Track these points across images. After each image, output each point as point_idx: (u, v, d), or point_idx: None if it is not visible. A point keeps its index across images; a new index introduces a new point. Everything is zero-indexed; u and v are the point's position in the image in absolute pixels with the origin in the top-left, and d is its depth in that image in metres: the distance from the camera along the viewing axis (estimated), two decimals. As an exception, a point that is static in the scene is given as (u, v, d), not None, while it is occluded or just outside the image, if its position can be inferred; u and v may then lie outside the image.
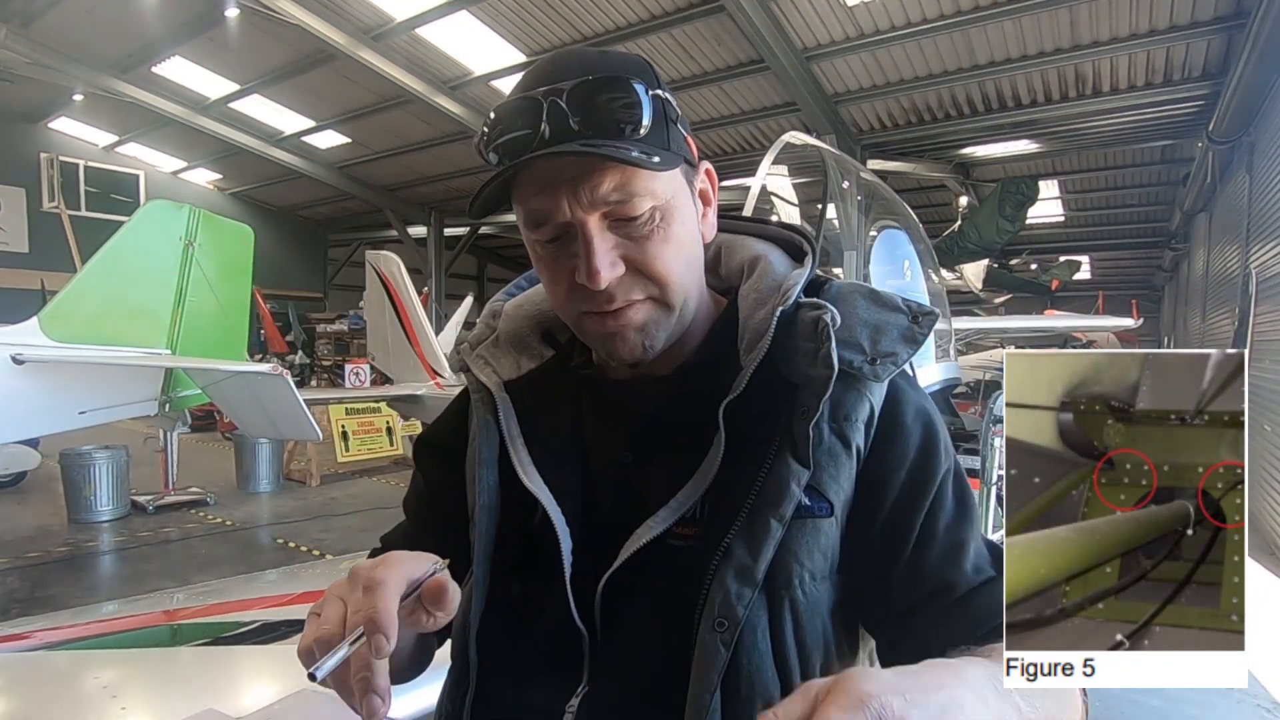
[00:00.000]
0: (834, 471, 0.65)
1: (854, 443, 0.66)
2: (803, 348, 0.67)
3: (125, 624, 1.78)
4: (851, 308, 0.70)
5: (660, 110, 0.64)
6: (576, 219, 0.63)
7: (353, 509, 7.30)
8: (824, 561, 0.65)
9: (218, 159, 15.48)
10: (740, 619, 0.61)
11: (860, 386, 0.67)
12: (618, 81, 0.62)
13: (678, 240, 0.66)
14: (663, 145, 0.64)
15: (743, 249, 0.80)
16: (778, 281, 0.73)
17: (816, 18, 7.85)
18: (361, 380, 10.90)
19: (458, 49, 9.67)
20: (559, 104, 0.61)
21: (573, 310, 0.68)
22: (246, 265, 6.07)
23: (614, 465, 0.72)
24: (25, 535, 6.09)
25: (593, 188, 0.62)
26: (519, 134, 0.62)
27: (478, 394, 0.78)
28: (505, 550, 0.71)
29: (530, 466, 0.71)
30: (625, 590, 0.66)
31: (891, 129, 10.02)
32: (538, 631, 0.69)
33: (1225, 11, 6.83)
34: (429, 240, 16.80)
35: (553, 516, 0.68)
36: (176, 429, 6.71)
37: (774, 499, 0.63)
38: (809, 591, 0.64)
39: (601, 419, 0.75)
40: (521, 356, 0.80)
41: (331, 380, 14.83)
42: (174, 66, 11.22)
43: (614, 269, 0.64)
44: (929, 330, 0.69)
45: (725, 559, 0.62)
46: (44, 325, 4.81)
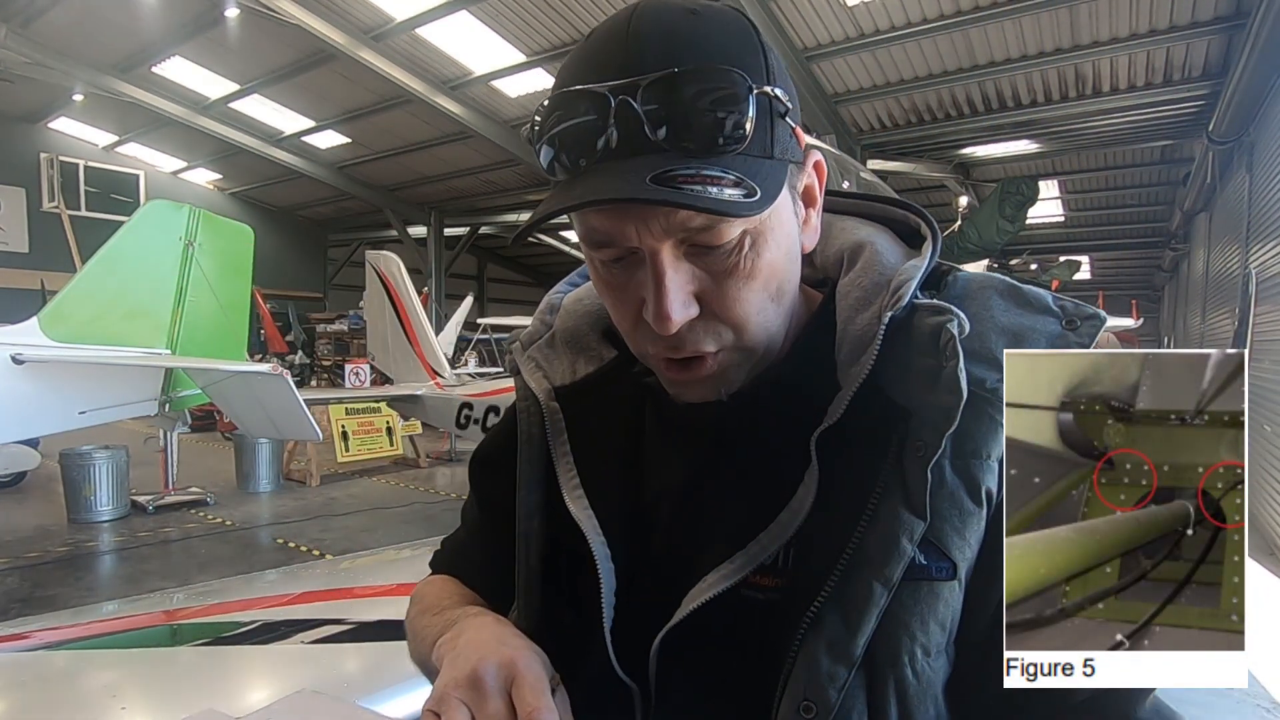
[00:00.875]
0: (958, 523, 0.51)
1: (984, 486, 0.51)
2: (919, 364, 0.52)
3: (125, 624, 1.78)
4: (984, 309, 0.55)
5: (766, 108, 0.50)
6: (646, 246, 0.50)
7: (353, 509, 7.30)
8: (942, 634, 0.52)
9: (218, 159, 15.49)
10: (833, 704, 0.49)
11: (994, 414, 0.51)
12: (714, 75, 0.48)
13: (769, 270, 0.53)
14: (765, 151, 0.50)
15: (842, 233, 0.65)
16: (887, 275, 0.59)
17: (816, 18, 7.85)
18: (361, 380, 10.90)
19: (458, 49, 9.66)
20: (631, 105, 0.47)
21: (639, 346, 0.58)
22: (246, 265, 6.07)
23: (674, 492, 0.61)
24: (25, 535, 6.09)
25: (668, 214, 0.49)
26: (579, 135, 0.49)
27: (525, 402, 0.68)
28: (553, 578, 0.63)
29: (577, 489, 0.62)
30: (686, 644, 0.55)
31: (891, 129, 10.02)
32: (582, 678, 0.59)
33: (1225, 11, 6.83)
34: (429, 240, 16.80)
35: (595, 549, 0.58)
36: (176, 429, 6.71)
37: (878, 557, 0.50)
38: (921, 670, 0.51)
39: (663, 437, 0.64)
40: (579, 359, 0.69)
41: (331, 380, 14.82)
42: (174, 66, 11.22)
43: (687, 309, 0.52)
44: (1090, 341, 0.53)
45: (814, 628, 0.50)
46: (44, 325, 4.81)
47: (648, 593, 0.59)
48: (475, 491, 0.78)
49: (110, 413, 5.27)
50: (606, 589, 0.57)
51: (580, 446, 0.64)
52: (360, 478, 8.78)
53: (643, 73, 0.47)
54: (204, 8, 9.40)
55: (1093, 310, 0.55)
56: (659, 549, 0.60)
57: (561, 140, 0.50)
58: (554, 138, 0.50)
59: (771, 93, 0.50)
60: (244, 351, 6.50)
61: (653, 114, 0.47)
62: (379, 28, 9.35)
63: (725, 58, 0.49)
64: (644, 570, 0.60)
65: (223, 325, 5.81)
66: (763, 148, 0.50)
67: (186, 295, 5.50)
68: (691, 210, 0.48)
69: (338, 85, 11.14)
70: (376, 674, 1.31)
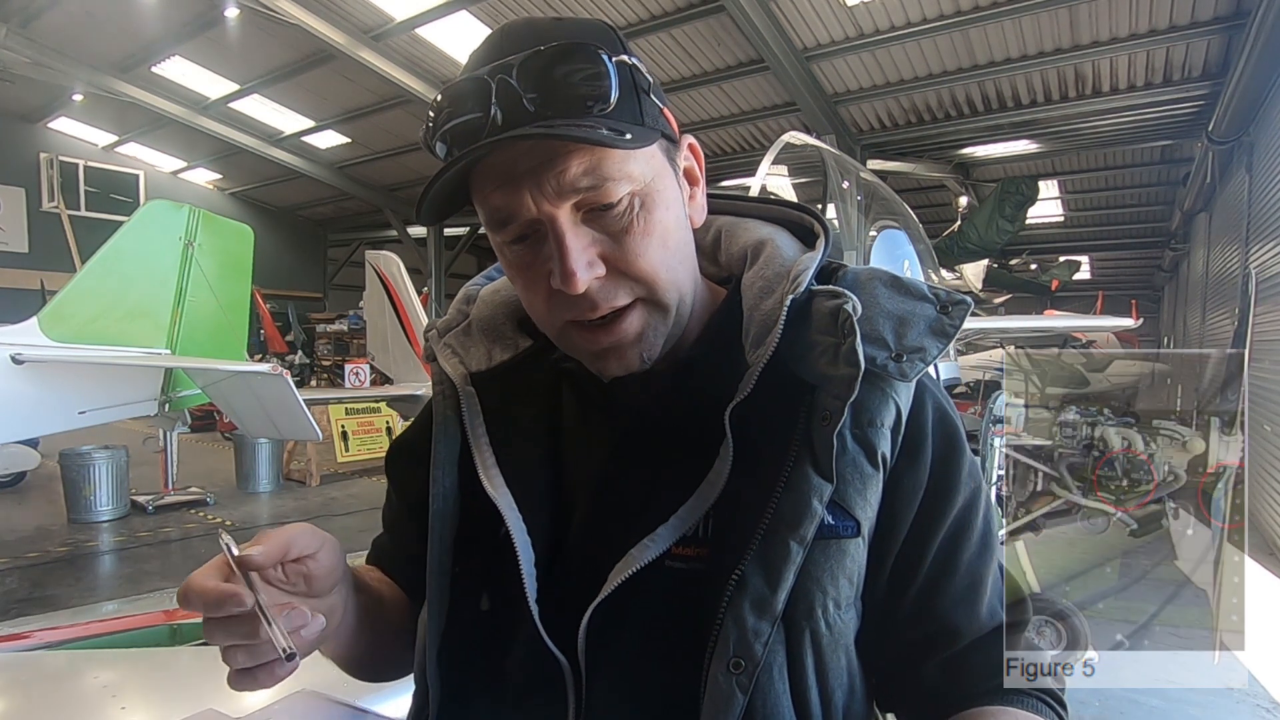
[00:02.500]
0: (859, 484, 0.57)
1: (880, 451, 0.58)
2: (819, 342, 0.58)
3: (125, 624, 1.78)
4: (872, 296, 0.61)
5: (629, 79, 0.55)
6: (544, 213, 0.54)
7: (352, 509, 7.30)
8: (850, 588, 0.58)
9: (217, 159, 15.48)
10: (759, 659, 0.54)
11: (885, 386, 0.58)
12: (576, 50, 0.53)
13: (662, 229, 0.57)
14: (635, 119, 0.55)
15: (745, 232, 0.71)
16: (786, 267, 0.64)
17: (816, 18, 7.85)
18: (361, 380, 10.89)
19: (458, 49, 9.66)
20: (509, 82, 0.52)
21: (555, 321, 0.60)
22: (246, 265, 6.07)
23: (594, 472, 0.64)
24: (25, 535, 6.08)
25: (558, 174, 0.53)
26: (466, 119, 0.54)
27: (440, 386, 0.70)
28: (468, 562, 0.64)
29: (494, 469, 0.63)
30: (614, 617, 0.57)
31: (891, 129, 10.01)
32: (511, 657, 0.62)
33: (1225, 11, 6.83)
34: (429, 240, 16.79)
35: (511, 526, 0.60)
36: (176, 429, 6.71)
37: (793, 518, 0.54)
38: (833, 622, 0.57)
39: (582, 419, 0.67)
40: (494, 346, 0.71)
41: (331, 380, 14.82)
42: (174, 66, 11.21)
43: (592, 269, 0.55)
44: (960, 322, 0.59)
45: (740, 589, 0.54)
46: (44, 325, 4.81)
47: (573, 571, 0.61)
48: (392, 484, 0.79)
49: (110, 413, 5.26)
50: (525, 561, 0.59)
51: (497, 430, 0.66)
52: (360, 478, 8.77)
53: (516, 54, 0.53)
54: (204, 8, 9.39)
55: (961, 297, 0.61)
56: (581, 527, 0.63)
57: (453, 135, 0.55)
58: (446, 133, 0.55)
59: (631, 62, 0.55)
60: (244, 351, 6.50)
61: (527, 86, 0.52)
62: (379, 28, 9.34)
63: (587, 39, 0.55)
64: (567, 548, 0.62)
65: (222, 325, 5.80)
66: (633, 115, 0.55)
67: (186, 295, 5.50)
68: (567, 140, 0.52)
69: (337, 85, 11.14)
70: (376, 674, 1.31)
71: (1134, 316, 12.67)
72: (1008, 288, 15.76)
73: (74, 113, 13.85)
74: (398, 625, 0.72)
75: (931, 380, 0.64)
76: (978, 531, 0.62)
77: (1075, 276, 16.08)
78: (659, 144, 0.58)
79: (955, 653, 0.60)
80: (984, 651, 0.60)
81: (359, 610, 0.66)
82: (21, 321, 4.78)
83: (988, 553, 0.62)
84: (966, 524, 0.61)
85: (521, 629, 0.60)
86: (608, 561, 0.58)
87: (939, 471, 0.60)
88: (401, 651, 0.72)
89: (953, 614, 0.60)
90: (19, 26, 10.13)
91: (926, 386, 0.62)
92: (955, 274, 13.79)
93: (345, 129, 13.02)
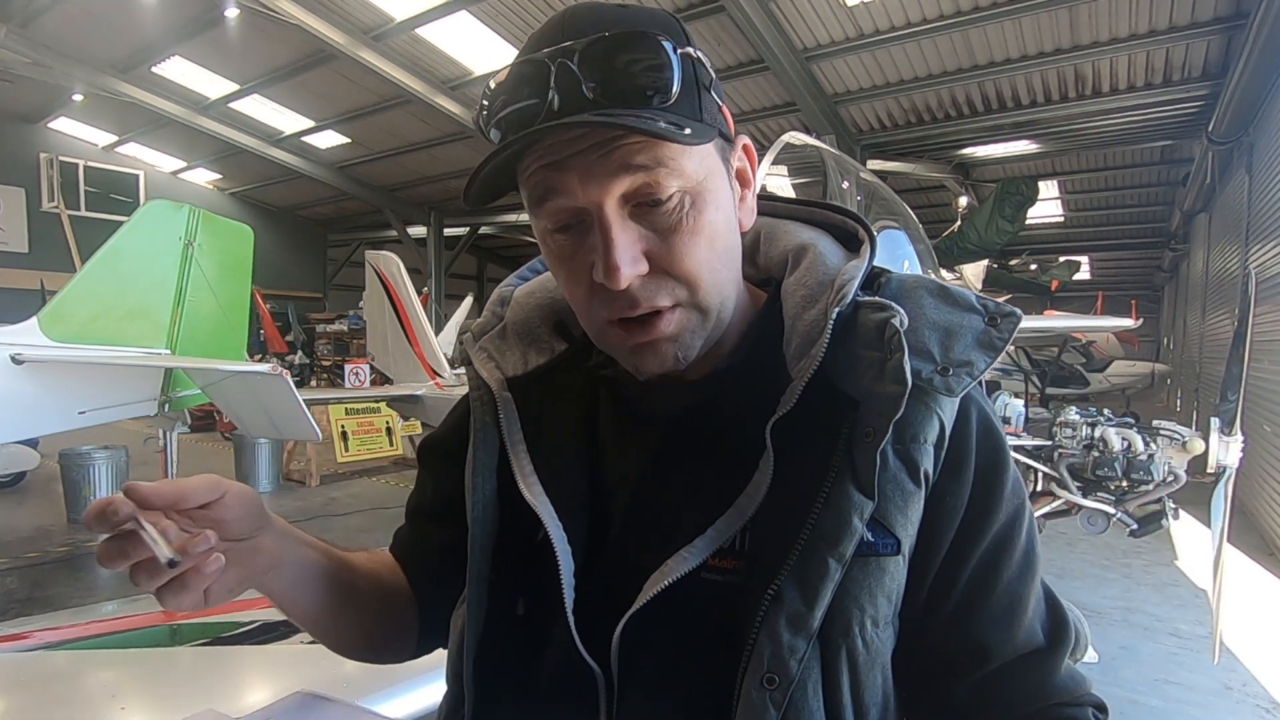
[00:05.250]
0: (900, 502, 0.55)
1: (922, 468, 0.56)
2: (865, 357, 0.56)
3: (125, 624, 1.78)
4: (918, 306, 0.59)
5: (690, 73, 0.54)
6: (591, 202, 0.53)
7: (352, 509, 7.30)
8: (888, 605, 0.56)
9: (217, 159, 15.48)
10: (793, 675, 0.53)
11: (929, 401, 0.56)
12: (640, 39, 0.52)
13: (711, 230, 0.56)
14: (694, 114, 0.54)
15: (786, 236, 0.69)
16: (830, 275, 0.62)
17: (816, 18, 7.85)
18: (361, 380, 10.89)
19: (457, 49, 9.66)
20: (569, 67, 0.51)
21: (595, 318, 0.58)
22: (246, 265, 6.06)
23: (631, 480, 0.63)
24: (25, 535, 6.08)
25: (611, 164, 0.52)
26: (523, 105, 0.53)
27: (478, 391, 0.69)
28: (505, 568, 0.63)
29: (532, 476, 0.63)
30: (648, 627, 0.57)
31: (891, 129, 10.02)
32: (544, 663, 0.61)
33: (1225, 11, 6.83)
34: (429, 240, 16.80)
35: (552, 533, 0.59)
36: (176, 429, 6.70)
37: (832, 535, 0.53)
38: (870, 640, 0.55)
39: (619, 426, 0.66)
40: (530, 350, 0.70)
41: (331, 380, 14.82)
42: (174, 66, 11.20)
43: (636, 265, 0.54)
44: (1010, 335, 0.57)
45: (775, 604, 0.53)
46: (43, 325, 4.81)
47: (608, 579, 0.60)
48: (427, 479, 0.79)
49: (110, 413, 5.26)
50: (565, 570, 0.59)
51: (534, 436, 0.65)
52: (360, 478, 8.77)
53: (579, 39, 0.52)
54: (204, 8, 9.38)
55: (1011, 309, 0.59)
56: (618, 535, 0.62)
57: (508, 120, 0.54)
58: (501, 120, 0.55)
59: (695, 55, 0.54)
60: (244, 351, 6.49)
61: (588, 73, 0.51)
62: (379, 28, 9.34)
63: (653, 28, 0.53)
64: (603, 556, 0.61)
65: (222, 325, 5.80)
66: (692, 110, 0.54)
67: (186, 295, 5.49)
68: (623, 130, 0.51)
69: (338, 85, 11.13)
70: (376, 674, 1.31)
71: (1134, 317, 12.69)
72: (1007, 288, 15.76)
73: (74, 113, 13.85)
74: (375, 604, 0.72)
75: (982, 395, 0.61)
76: (1019, 549, 0.59)
77: (1075, 277, 16.08)
78: (715, 142, 0.57)
79: (986, 675, 0.58)
80: (1018, 677, 0.58)
81: (305, 565, 0.65)
82: (21, 321, 4.78)
83: (1029, 573, 0.60)
84: (1008, 542, 0.59)
85: (556, 635, 0.59)
86: (643, 571, 0.57)
87: (981, 488, 0.58)
88: (377, 632, 0.73)
89: (987, 635, 0.58)
90: (19, 26, 10.12)
91: (972, 398, 0.60)
92: (955, 274, 13.80)
93: (345, 129, 13.01)
